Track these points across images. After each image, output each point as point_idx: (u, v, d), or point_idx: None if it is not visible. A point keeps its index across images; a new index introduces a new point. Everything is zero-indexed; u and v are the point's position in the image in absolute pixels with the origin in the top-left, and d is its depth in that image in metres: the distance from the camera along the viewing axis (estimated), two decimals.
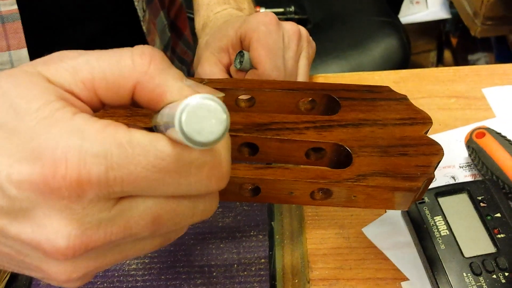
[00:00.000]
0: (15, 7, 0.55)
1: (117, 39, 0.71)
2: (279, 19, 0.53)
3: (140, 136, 0.24)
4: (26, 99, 0.24)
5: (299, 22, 1.33)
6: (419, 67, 1.73)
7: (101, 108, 0.27)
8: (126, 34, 0.72)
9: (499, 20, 1.36)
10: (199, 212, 0.27)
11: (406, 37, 1.30)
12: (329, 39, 1.29)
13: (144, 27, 0.69)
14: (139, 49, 0.26)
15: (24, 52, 0.58)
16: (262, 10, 1.35)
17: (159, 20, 0.76)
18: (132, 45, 0.27)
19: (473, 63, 1.58)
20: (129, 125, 0.25)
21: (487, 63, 1.55)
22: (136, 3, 0.67)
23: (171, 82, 0.26)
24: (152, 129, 0.29)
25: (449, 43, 1.72)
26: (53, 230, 0.24)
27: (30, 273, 0.28)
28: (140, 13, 0.68)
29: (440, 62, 1.74)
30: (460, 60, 1.65)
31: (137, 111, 0.39)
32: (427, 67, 1.74)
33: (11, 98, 0.24)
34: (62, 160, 0.23)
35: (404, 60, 1.29)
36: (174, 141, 0.24)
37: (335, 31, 1.31)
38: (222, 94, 0.27)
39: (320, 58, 1.24)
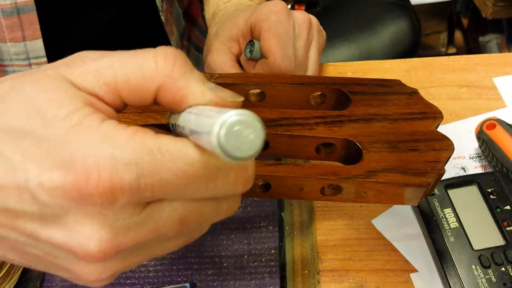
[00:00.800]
0: None
1: (134, 29, 0.71)
2: (288, 1, 0.52)
3: (168, 143, 0.24)
4: (54, 106, 0.24)
5: (308, 4, 1.33)
6: (429, 48, 1.71)
7: (123, 109, 0.28)
8: (144, 24, 0.72)
9: (510, 1, 1.35)
10: (223, 211, 0.28)
11: (416, 19, 1.29)
12: (339, 22, 1.27)
13: (162, 17, 0.69)
14: (161, 50, 0.26)
15: (39, 42, 0.58)
16: None
17: (174, 10, 0.76)
18: (150, 36, 0.27)
19: (484, 44, 1.56)
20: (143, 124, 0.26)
21: (498, 45, 1.54)
22: None
23: (194, 85, 0.26)
24: (168, 127, 0.29)
25: (460, 24, 1.70)
26: (85, 235, 0.24)
27: (57, 273, 0.29)
28: (158, 3, 0.68)
29: (450, 43, 1.72)
30: (471, 41, 1.63)
31: (148, 108, 0.39)
32: (438, 48, 1.72)
33: (38, 105, 0.24)
34: (94, 168, 0.23)
35: (414, 43, 1.28)
36: (201, 147, 0.25)
37: (345, 13, 1.30)
38: (241, 98, 0.28)
39: (329, 41, 1.22)
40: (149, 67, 0.26)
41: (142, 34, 0.73)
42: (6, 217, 0.25)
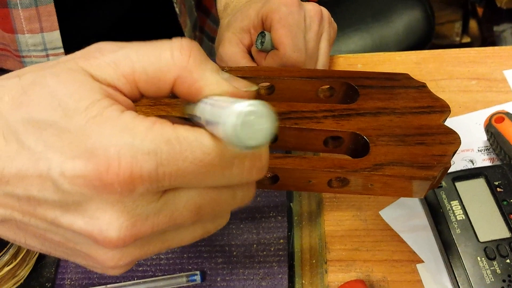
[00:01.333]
0: None
1: (149, 20, 0.72)
2: None
3: (185, 132, 0.25)
4: (74, 98, 0.25)
5: None
6: (443, 37, 1.70)
7: (140, 99, 0.28)
8: (158, 15, 0.72)
9: None
10: (238, 200, 0.29)
11: (430, 9, 1.28)
12: (351, 11, 1.27)
13: (177, 9, 0.70)
14: (177, 42, 0.27)
15: (56, 34, 0.59)
16: None
17: (187, 1, 0.76)
18: (164, 26, 0.28)
19: (499, 34, 1.55)
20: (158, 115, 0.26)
21: None
22: None
23: (209, 75, 0.27)
24: (185, 118, 0.30)
25: (475, 13, 1.68)
26: (105, 222, 0.25)
27: (76, 260, 0.30)
28: None
29: (465, 32, 1.71)
30: (486, 31, 1.62)
31: (160, 101, 0.40)
32: (452, 37, 1.71)
33: (59, 97, 0.25)
34: (115, 157, 0.24)
35: (428, 33, 1.27)
36: (216, 137, 0.25)
37: (357, 3, 1.29)
38: (255, 88, 0.28)
39: (341, 30, 1.22)
40: (166, 59, 0.27)
41: (157, 25, 0.74)
42: (28, 205, 0.26)
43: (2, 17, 0.58)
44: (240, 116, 0.22)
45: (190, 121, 0.29)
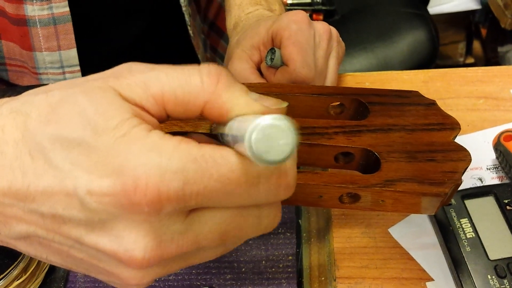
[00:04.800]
0: (67, 9, 0.57)
1: (163, 41, 0.73)
2: (307, 10, 0.54)
3: (211, 151, 0.25)
4: (104, 116, 0.25)
5: (326, 13, 1.34)
6: (447, 58, 1.71)
7: (166, 120, 0.29)
8: (172, 36, 0.74)
9: None
10: (263, 225, 0.29)
11: (434, 29, 1.29)
12: (357, 31, 1.28)
13: (190, 32, 0.71)
14: (206, 68, 0.27)
15: (73, 52, 0.60)
16: (290, 1, 1.34)
17: (197, 24, 0.78)
18: (177, 47, 0.29)
19: (503, 55, 1.56)
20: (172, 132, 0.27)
21: None
22: (183, 8, 0.68)
23: (238, 98, 0.27)
24: (209, 134, 0.30)
25: (479, 34, 1.70)
26: (130, 242, 0.25)
27: (98, 276, 0.30)
28: (187, 17, 0.69)
29: (469, 53, 1.72)
30: (490, 51, 1.63)
31: None
32: (456, 58, 1.72)
33: (89, 116, 0.25)
34: (143, 177, 0.24)
35: (432, 53, 1.28)
36: (242, 154, 0.26)
37: (363, 23, 1.31)
38: (285, 104, 0.28)
39: (346, 50, 1.23)
40: (195, 84, 0.27)
41: (170, 46, 0.75)
42: (53, 223, 0.27)
43: (21, 35, 0.59)
44: (259, 129, 0.22)
45: (215, 137, 0.30)
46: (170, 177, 0.24)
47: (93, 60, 0.32)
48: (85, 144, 0.25)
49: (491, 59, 1.62)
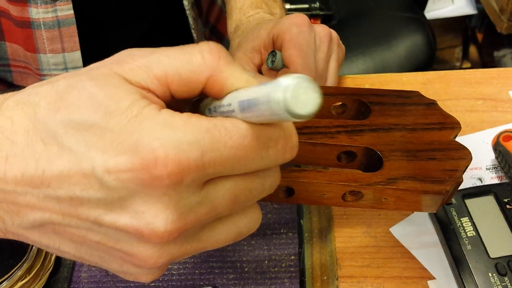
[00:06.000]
0: (72, 12, 0.58)
1: (166, 43, 0.73)
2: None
3: (220, 121, 0.26)
4: (114, 99, 0.26)
5: (324, 18, 1.34)
6: (444, 63, 1.72)
7: (170, 101, 0.29)
8: (175, 39, 0.74)
9: None
10: (267, 187, 0.30)
11: (431, 34, 1.30)
12: (354, 35, 1.29)
13: (194, 35, 0.71)
14: (206, 46, 0.28)
15: (77, 54, 0.61)
16: (288, 6, 1.35)
17: (199, 27, 0.78)
18: None
19: (499, 59, 1.57)
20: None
21: None
22: (187, 12, 0.69)
23: (239, 74, 0.28)
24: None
25: (475, 38, 1.71)
26: (152, 215, 0.26)
27: (111, 264, 0.30)
28: (191, 20, 0.70)
29: (465, 58, 1.73)
30: (486, 56, 1.64)
31: None
32: (452, 63, 1.73)
33: (99, 99, 0.26)
34: (161, 150, 0.25)
35: (429, 57, 1.29)
36: (249, 122, 0.27)
37: (360, 27, 1.31)
38: None
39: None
40: (197, 61, 0.28)
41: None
42: (70, 206, 0.27)
43: (25, 37, 0.60)
44: (289, 88, 0.23)
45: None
46: (188, 148, 0.25)
47: (97, 61, 0.33)
48: (97, 126, 0.25)
49: (487, 63, 1.63)
